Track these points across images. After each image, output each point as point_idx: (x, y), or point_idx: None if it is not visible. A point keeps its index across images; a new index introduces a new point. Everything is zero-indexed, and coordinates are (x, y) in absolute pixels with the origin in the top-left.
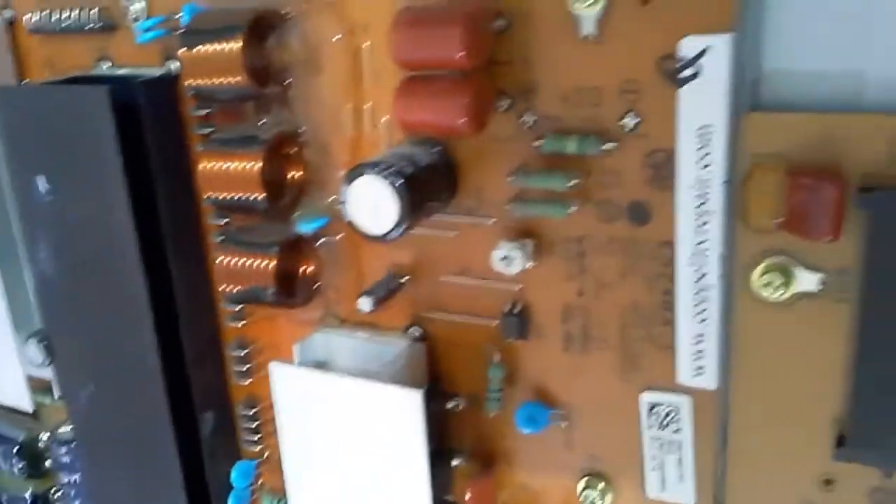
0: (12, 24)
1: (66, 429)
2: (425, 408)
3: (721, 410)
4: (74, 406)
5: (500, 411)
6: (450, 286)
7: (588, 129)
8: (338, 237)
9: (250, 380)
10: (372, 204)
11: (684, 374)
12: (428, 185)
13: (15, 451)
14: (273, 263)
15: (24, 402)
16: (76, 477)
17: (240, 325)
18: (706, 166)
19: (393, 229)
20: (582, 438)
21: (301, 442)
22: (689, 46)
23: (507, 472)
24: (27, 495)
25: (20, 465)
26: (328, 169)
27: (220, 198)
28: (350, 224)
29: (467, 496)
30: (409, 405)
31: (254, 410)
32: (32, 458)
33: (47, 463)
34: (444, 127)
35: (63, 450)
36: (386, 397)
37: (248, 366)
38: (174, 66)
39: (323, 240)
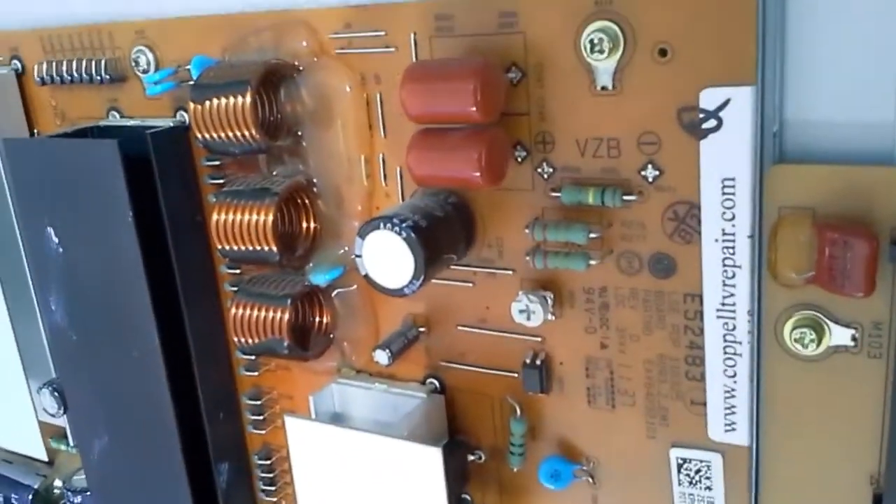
0: (21, 75)
1: (81, 477)
2: (445, 462)
3: (753, 467)
4: (88, 456)
5: (522, 466)
6: (468, 337)
7: (608, 181)
8: (353, 287)
9: (266, 430)
10: (387, 258)
11: (715, 429)
12: (444, 237)
13: (30, 498)
14: (287, 317)
15: (39, 451)
16: None
17: (255, 375)
18: (731, 219)
19: (409, 283)
20: (609, 494)
21: (318, 495)
22: (709, 98)
23: None
24: None
25: None
26: (342, 219)
27: (233, 249)
28: (366, 278)
29: None
30: (428, 461)
31: (270, 461)
32: None
33: None
34: (460, 180)
35: (78, 499)
36: (404, 453)
37: (263, 416)
38: (185, 116)
39: (338, 291)
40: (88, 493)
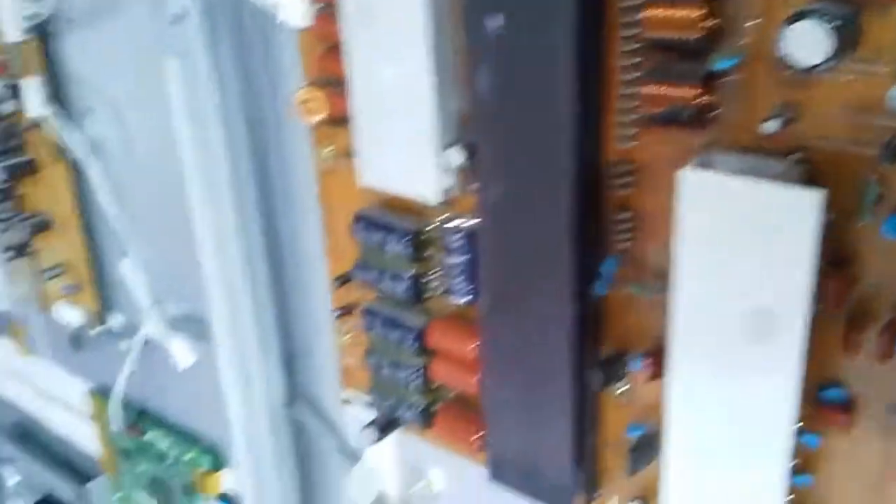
0: None
1: (459, 221)
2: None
3: None
4: (484, 198)
5: (869, 221)
6: (836, 119)
7: None
8: (739, 76)
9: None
10: (806, 42)
11: None
12: (848, 33)
13: (408, 239)
14: (694, 91)
15: (432, 196)
16: (464, 258)
17: (628, 147)
18: None
19: (820, 64)
20: None
21: (695, 252)
22: None
23: (863, 272)
24: (407, 275)
25: (409, 251)
26: (741, 19)
27: (659, 38)
28: (783, 56)
29: (828, 289)
30: (805, 206)
31: (626, 215)
32: (420, 245)
33: (431, 251)
34: None
35: (457, 236)
36: (780, 199)
37: (628, 179)
38: None
39: (728, 78)
40: (472, 233)
